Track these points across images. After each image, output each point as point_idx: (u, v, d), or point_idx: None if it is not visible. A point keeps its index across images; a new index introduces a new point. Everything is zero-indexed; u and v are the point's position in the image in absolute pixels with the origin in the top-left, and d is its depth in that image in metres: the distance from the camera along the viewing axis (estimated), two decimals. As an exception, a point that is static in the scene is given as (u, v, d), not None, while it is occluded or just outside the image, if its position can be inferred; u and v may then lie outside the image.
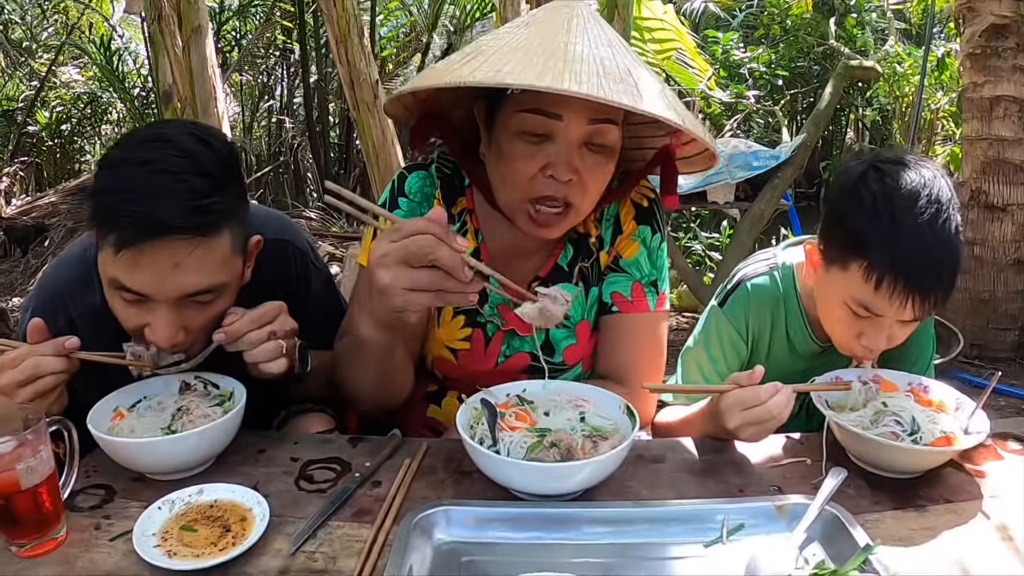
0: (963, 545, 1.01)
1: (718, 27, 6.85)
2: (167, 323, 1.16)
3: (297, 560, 0.99)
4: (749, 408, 1.18)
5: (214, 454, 1.22)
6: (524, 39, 1.15)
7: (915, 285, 1.19)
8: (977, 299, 3.39)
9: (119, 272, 1.12)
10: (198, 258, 1.12)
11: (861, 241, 1.23)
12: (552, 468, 1.05)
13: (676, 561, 1.00)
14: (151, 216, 1.07)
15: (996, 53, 3.30)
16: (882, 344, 1.29)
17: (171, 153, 1.11)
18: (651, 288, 1.43)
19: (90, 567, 0.97)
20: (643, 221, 1.44)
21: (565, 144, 1.19)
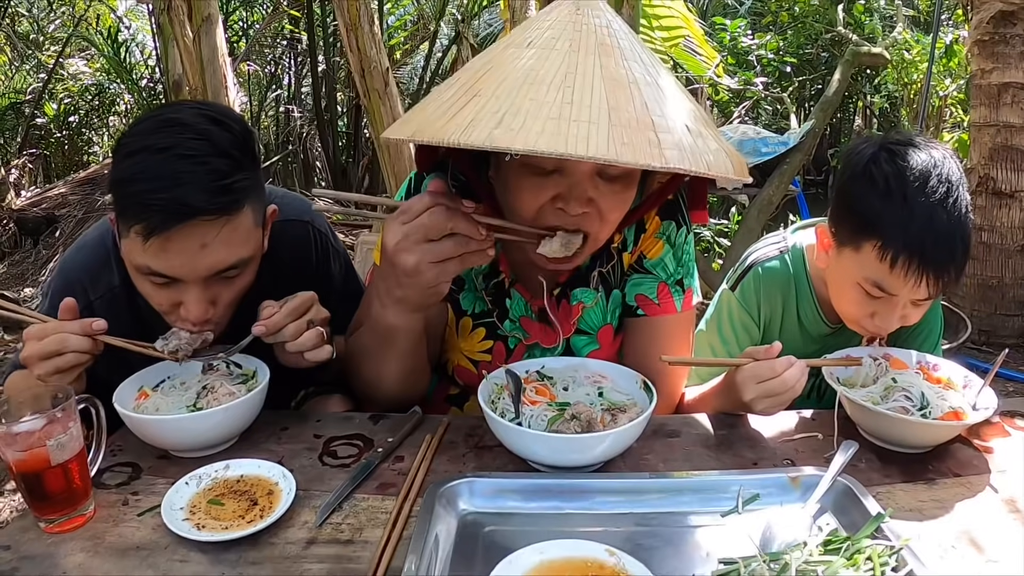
0: (972, 517, 1.04)
1: (726, 14, 6.83)
2: (199, 302, 1.19)
3: (324, 531, 1.02)
4: (764, 381, 1.21)
5: (238, 431, 1.25)
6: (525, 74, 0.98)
7: (929, 263, 1.22)
8: (985, 285, 3.40)
9: (148, 259, 1.14)
10: (224, 237, 1.15)
11: (874, 222, 1.26)
12: (574, 440, 1.08)
13: (694, 530, 1.02)
14: (178, 202, 1.09)
15: (1004, 40, 3.29)
16: (894, 324, 1.31)
17: (189, 137, 1.13)
18: (677, 288, 1.38)
19: (119, 541, 1.00)
20: (667, 216, 1.36)
21: (578, 176, 1.09)
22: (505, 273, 1.35)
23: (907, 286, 1.24)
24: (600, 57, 1.00)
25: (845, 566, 0.87)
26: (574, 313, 1.36)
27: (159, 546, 0.99)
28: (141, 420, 1.18)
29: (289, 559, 0.96)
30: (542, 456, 1.11)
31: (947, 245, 1.23)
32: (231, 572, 0.94)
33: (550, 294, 1.32)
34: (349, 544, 0.99)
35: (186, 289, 1.18)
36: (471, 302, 1.39)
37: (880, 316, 1.31)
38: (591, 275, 1.35)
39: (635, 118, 0.95)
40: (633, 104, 0.96)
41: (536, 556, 0.92)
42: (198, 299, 1.19)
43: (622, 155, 0.91)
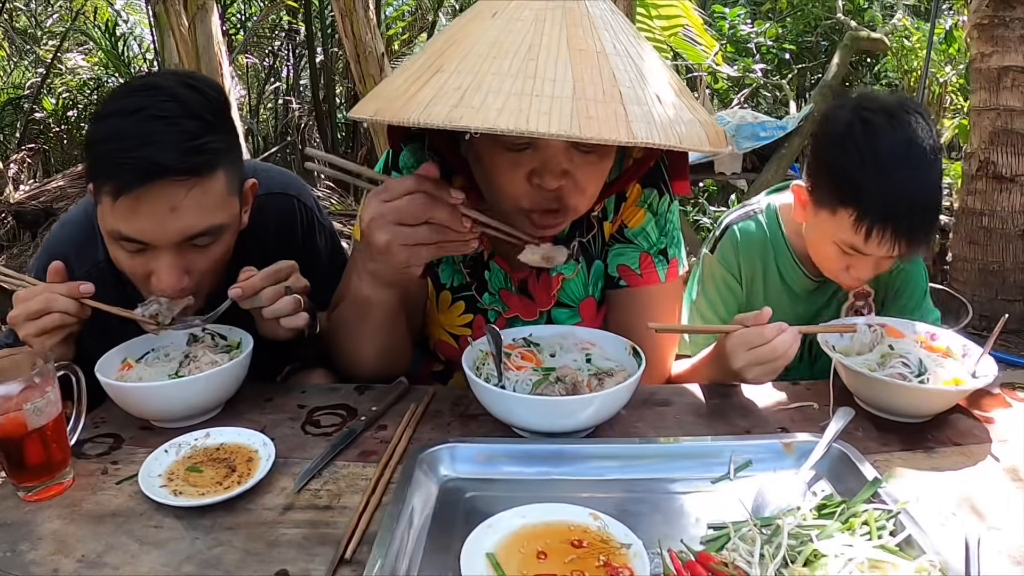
0: (973, 484, 1.01)
1: (724, 3, 6.79)
2: (171, 268, 1.17)
3: (302, 497, 0.99)
4: (755, 347, 1.18)
5: (221, 401, 1.23)
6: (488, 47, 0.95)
7: (902, 231, 1.28)
8: (986, 270, 3.37)
9: (118, 222, 1.13)
10: (195, 200, 1.14)
11: (851, 192, 1.30)
12: (559, 402, 1.05)
13: (683, 496, 0.99)
14: (146, 160, 1.08)
15: (1004, 23, 3.26)
16: (869, 275, 1.39)
17: (161, 99, 1.12)
18: (660, 257, 1.34)
19: (96, 508, 0.98)
20: (649, 184, 1.32)
21: (551, 150, 1.06)
22: (484, 246, 1.32)
23: (881, 250, 1.30)
24: (566, 28, 0.96)
25: (840, 530, 0.84)
26: (554, 285, 1.34)
27: (135, 513, 0.96)
28: (122, 388, 1.16)
29: (265, 524, 0.93)
30: (527, 421, 1.08)
31: (920, 215, 1.28)
32: (205, 537, 0.91)
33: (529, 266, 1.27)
34: (327, 510, 0.96)
35: (158, 256, 1.17)
36: (449, 275, 1.37)
37: (855, 269, 1.37)
38: (571, 245, 1.30)
39: (602, 90, 0.92)
40: (600, 76, 0.93)
41: (517, 519, 0.89)
42: (170, 266, 1.17)
43: (586, 130, 0.87)
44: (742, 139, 4.28)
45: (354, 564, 0.85)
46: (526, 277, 1.33)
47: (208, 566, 0.86)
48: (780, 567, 0.79)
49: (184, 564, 0.86)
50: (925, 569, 0.78)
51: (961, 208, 3.50)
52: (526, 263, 1.17)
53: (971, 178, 3.40)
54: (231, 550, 0.88)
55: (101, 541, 0.90)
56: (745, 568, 0.80)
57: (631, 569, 0.81)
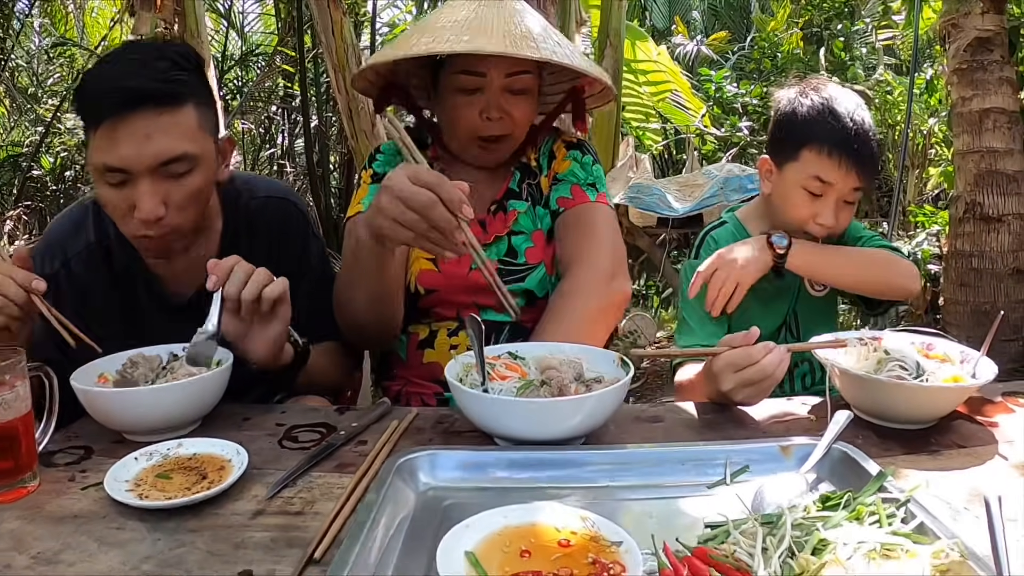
0: (983, 481, 0.96)
1: (711, 66, 6.97)
2: (149, 195, 1.24)
3: (273, 504, 0.94)
4: (742, 369, 1.15)
5: (197, 415, 1.19)
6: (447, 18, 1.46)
7: (856, 155, 1.50)
8: (978, 311, 3.35)
9: (101, 154, 1.23)
10: (167, 126, 1.23)
11: (810, 131, 1.54)
12: (547, 405, 1.00)
13: (678, 500, 0.94)
14: (124, 88, 1.21)
15: (982, 67, 3.33)
16: (831, 220, 1.53)
17: (138, 48, 1.32)
18: (589, 188, 1.61)
19: (58, 510, 0.93)
20: (573, 148, 1.67)
21: (492, 92, 1.48)
22: None
23: (841, 174, 1.50)
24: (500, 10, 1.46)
25: (848, 519, 0.79)
26: (509, 219, 1.61)
27: (98, 515, 0.92)
28: (95, 394, 1.13)
29: (231, 528, 0.88)
30: (512, 428, 1.03)
31: (868, 145, 1.52)
32: (168, 539, 0.86)
33: (487, 208, 1.60)
34: (298, 515, 0.91)
35: (137, 185, 1.24)
36: None
37: (820, 214, 1.54)
38: (521, 188, 1.65)
39: (521, 33, 1.42)
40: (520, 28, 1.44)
41: (499, 519, 0.83)
42: (148, 193, 1.23)
43: (508, 49, 1.37)
44: (730, 192, 4.32)
45: (323, 565, 0.79)
46: (484, 218, 1.60)
47: (168, 566, 0.80)
48: (786, 558, 0.73)
49: (143, 563, 0.81)
50: (943, 550, 0.72)
51: (950, 252, 3.51)
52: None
53: (959, 221, 3.42)
54: (194, 551, 0.83)
55: (59, 540, 0.86)
56: (747, 560, 0.74)
57: (623, 565, 0.76)
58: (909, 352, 1.18)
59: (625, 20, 5.14)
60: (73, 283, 1.38)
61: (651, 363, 3.84)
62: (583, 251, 1.51)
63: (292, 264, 1.43)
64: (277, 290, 1.22)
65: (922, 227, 4.43)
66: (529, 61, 1.46)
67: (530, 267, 1.57)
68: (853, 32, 6.30)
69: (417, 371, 1.57)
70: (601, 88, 1.65)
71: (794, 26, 6.30)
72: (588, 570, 0.75)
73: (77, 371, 1.18)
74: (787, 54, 6.24)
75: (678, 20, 8.89)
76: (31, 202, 8.20)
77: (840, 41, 5.98)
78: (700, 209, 4.38)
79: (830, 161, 1.51)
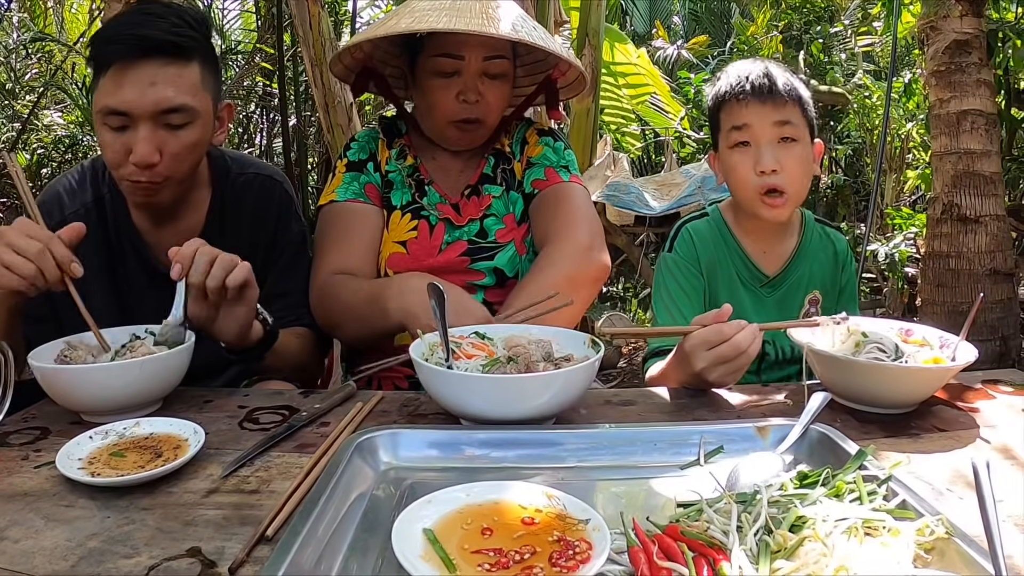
0: (966, 463, 0.92)
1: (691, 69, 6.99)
2: (146, 141, 1.27)
3: (228, 482, 0.90)
4: (715, 347, 1.12)
5: (157, 394, 1.15)
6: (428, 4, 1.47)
7: (759, 91, 1.44)
8: (955, 311, 3.35)
9: (107, 97, 1.27)
10: (171, 77, 1.28)
11: (717, 98, 1.52)
12: (514, 381, 0.97)
13: (650, 480, 0.91)
14: (137, 35, 1.26)
15: (960, 68, 3.34)
16: (771, 161, 1.44)
17: (155, 8, 1.33)
18: (562, 169, 1.64)
19: (7, 489, 0.89)
20: (544, 135, 1.70)
21: (469, 75, 1.50)
22: (424, 175, 1.66)
23: (752, 112, 1.44)
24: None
25: (827, 495, 0.76)
26: (484, 203, 1.64)
27: (48, 493, 0.88)
28: (51, 371, 1.08)
29: (184, 506, 0.84)
30: (478, 407, 0.99)
31: (768, 76, 1.46)
32: (117, 517, 0.81)
33: (461, 192, 1.64)
34: (253, 494, 0.87)
35: (136, 130, 1.27)
36: (399, 197, 1.64)
37: (759, 162, 1.45)
38: (496, 173, 1.67)
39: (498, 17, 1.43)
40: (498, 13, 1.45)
41: (460, 496, 0.79)
42: (146, 139, 1.27)
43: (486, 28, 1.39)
44: (708, 191, 4.32)
45: (275, 543, 0.75)
46: (458, 202, 1.63)
47: (114, 542, 0.76)
48: (762, 535, 0.70)
49: (89, 540, 0.76)
50: (928, 527, 0.70)
51: (928, 252, 3.51)
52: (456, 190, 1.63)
53: (936, 222, 3.42)
54: (143, 528, 0.79)
55: (6, 517, 0.82)
56: (721, 538, 0.71)
57: (589, 543, 0.72)
58: (887, 334, 1.15)
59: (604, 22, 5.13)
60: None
61: (627, 363, 3.81)
62: (560, 226, 1.52)
63: (270, 238, 1.52)
64: (241, 276, 1.20)
65: (899, 229, 4.44)
66: (505, 46, 1.51)
67: (499, 246, 1.60)
68: (832, 36, 6.34)
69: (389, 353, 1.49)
70: (574, 78, 1.68)
71: (774, 29, 6.33)
72: (553, 548, 0.71)
73: (36, 350, 1.14)
74: (767, 58, 6.26)
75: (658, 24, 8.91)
76: (7, 199, 8.03)
77: (819, 43, 6.02)
78: (678, 208, 4.38)
79: (736, 105, 1.47)
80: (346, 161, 1.65)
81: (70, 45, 8.64)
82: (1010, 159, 4.37)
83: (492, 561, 0.69)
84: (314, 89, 4.13)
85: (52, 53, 9.07)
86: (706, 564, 0.66)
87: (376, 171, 1.65)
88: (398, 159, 1.66)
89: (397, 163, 1.65)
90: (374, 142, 1.69)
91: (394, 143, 1.70)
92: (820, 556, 0.64)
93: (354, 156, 1.66)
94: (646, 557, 0.68)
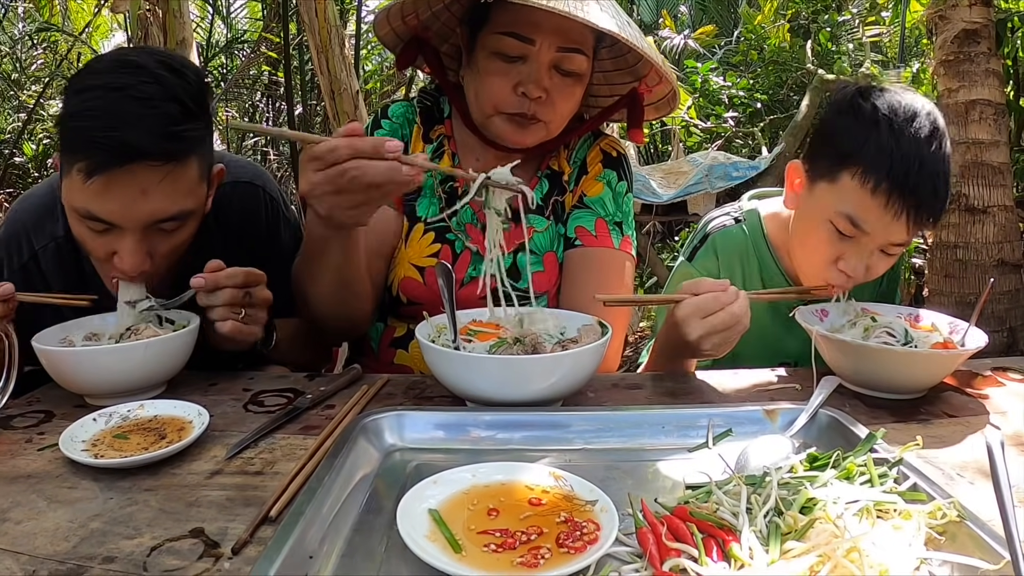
0: (977, 449, 0.92)
1: (697, 58, 6.94)
2: (134, 251, 1.13)
3: (233, 464, 0.90)
4: (710, 315, 1.08)
5: (161, 377, 1.14)
6: None
7: (911, 193, 1.15)
8: (963, 302, 3.33)
9: (88, 201, 1.09)
10: (167, 185, 1.10)
11: (858, 149, 1.19)
12: (522, 362, 0.95)
13: (658, 463, 0.90)
14: (123, 142, 1.05)
15: (969, 58, 3.31)
16: (861, 270, 1.23)
17: (143, 80, 1.08)
18: (616, 227, 1.41)
19: (10, 471, 0.89)
20: (610, 166, 1.45)
21: (536, 65, 1.25)
22: (460, 183, 1.38)
23: (884, 220, 1.17)
24: None
25: (837, 478, 0.75)
26: (518, 236, 1.33)
27: (51, 475, 0.87)
28: (55, 353, 1.08)
29: (187, 487, 0.83)
30: (484, 389, 0.98)
31: (931, 179, 1.16)
32: (120, 498, 0.81)
33: None
34: (257, 475, 0.87)
35: (122, 237, 1.12)
36: (426, 208, 1.42)
37: (847, 260, 1.22)
38: (547, 203, 1.42)
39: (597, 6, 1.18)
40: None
41: (467, 477, 0.78)
42: (134, 249, 1.13)
43: (574, 10, 1.12)
44: (715, 179, 4.30)
45: (278, 524, 0.74)
46: None
47: (116, 523, 0.75)
48: (772, 516, 0.69)
49: (91, 521, 0.76)
50: (940, 509, 0.69)
51: (935, 243, 3.49)
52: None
53: (944, 212, 3.40)
54: (145, 509, 0.78)
55: (8, 499, 0.82)
56: (731, 520, 0.70)
57: (597, 523, 0.71)
58: (896, 320, 1.14)
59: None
60: (42, 275, 1.29)
61: (633, 351, 3.80)
62: (589, 306, 1.21)
63: (262, 248, 1.37)
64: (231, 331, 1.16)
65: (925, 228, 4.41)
66: (587, 40, 1.27)
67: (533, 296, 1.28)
68: (840, 25, 6.29)
69: (386, 369, 1.42)
70: (662, 96, 1.42)
71: (781, 18, 6.28)
72: (560, 529, 0.71)
73: (39, 333, 1.13)
74: (773, 47, 6.22)
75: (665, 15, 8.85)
76: (13, 189, 8.05)
77: (827, 31, 5.97)
78: (685, 196, 4.36)
79: (874, 199, 1.16)
80: None
81: (75, 35, 8.63)
82: (1018, 149, 4.33)
83: (498, 541, 0.68)
84: (320, 77, 4.12)
85: (57, 43, 9.07)
86: (715, 545, 0.65)
87: None
88: (432, 159, 1.41)
89: None
90: (408, 126, 1.44)
91: (432, 132, 1.44)
92: (831, 537, 0.63)
93: (383, 133, 1.43)
94: (655, 538, 0.67)
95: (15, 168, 8.39)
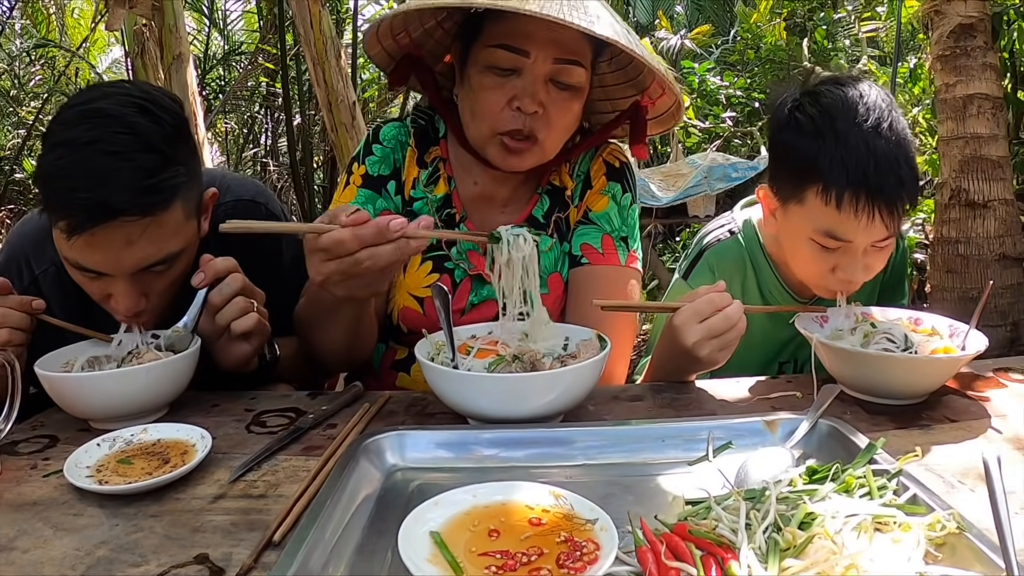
0: (977, 455, 0.92)
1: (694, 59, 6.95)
2: (126, 295, 1.14)
3: (236, 487, 0.90)
4: (707, 319, 1.09)
5: (164, 400, 1.15)
6: None
7: (877, 193, 1.13)
8: (965, 297, 3.32)
9: (74, 254, 1.10)
10: (151, 234, 1.10)
11: (810, 166, 1.18)
12: (521, 380, 0.96)
13: (658, 478, 0.90)
14: (99, 202, 1.03)
15: (965, 52, 3.30)
16: (858, 274, 1.22)
17: (114, 130, 1.06)
18: (622, 243, 1.39)
19: (16, 498, 0.90)
20: (614, 178, 1.42)
21: (531, 78, 1.21)
22: (457, 209, 1.38)
23: (860, 226, 1.16)
24: None
25: (836, 491, 0.76)
26: None
27: (57, 502, 0.88)
28: (58, 379, 1.08)
29: (191, 512, 0.84)
30: (484, 406, 0.98)
31: (891, 170, 1.14)
32: (126, 524, 0.82)
33: None
34: (261, 499, 0.87)
35: (114, 282, 1.14)
36: None
37: (842, 268, 1.22)
38: (549, 221, 1.39)
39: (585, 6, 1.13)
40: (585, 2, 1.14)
41: (467, 498, 0.79)
42: (126, 293, 1.14)
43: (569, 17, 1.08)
44: (714, 180, 4.31)
45: (282, 548, 0.74)
46: None
47: (123, 550, 0.76)
48: (771, 532, 0.70)
49: (97, 549, 0.77)
50: (940, 521, 0.69)
51: (936, 238, 3.49)
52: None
53: (944, 208, 3.39)
54: (151, 535, 0.79)
55: (15, 527, 0.82)
56: (730, 536, 0.70)
57: (597, 543, 0.72)
58: (896, 326, 1.14)
59: (608, 12, 5.11)
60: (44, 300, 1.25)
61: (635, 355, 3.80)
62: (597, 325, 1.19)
63: (264, 269, 1.33)
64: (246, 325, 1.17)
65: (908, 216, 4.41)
66: (584, 51, 1.22)
67: None
68: (836, 22, 6.29)
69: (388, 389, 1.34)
70: (665, 109, 1.38)
71: (777, 17, 6.29)
72: (560, 549, 0.71)
73: (42, 358, 1.14)
74: (770, 45, 6.22)
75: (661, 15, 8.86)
76: (14, 205, 8.09)
77: (823, 29, 5.98)
78: (684, 198, 4.36)
79: (843, 212, 1.15)
80: (364, 171, 1.37)
81: (73, 51, 8.67)
82: (1017, 143, 4.33)
83: (499, 563, 0.69)
84: (317, 88, 4.13)
85: (55, 59, 9.11)
86: (715, 563, 0.65)
87: (398, 193, 1.37)
88: (428, 184, 1.37)
89: (426, 190, 1.37)
90: (401, 149, 1.40)
91: (427, 154, 1.40)
92: (829, 554, 0.64)
93: (374, 168, 1.38)
94: (654, 557, 0.67)
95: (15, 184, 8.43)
